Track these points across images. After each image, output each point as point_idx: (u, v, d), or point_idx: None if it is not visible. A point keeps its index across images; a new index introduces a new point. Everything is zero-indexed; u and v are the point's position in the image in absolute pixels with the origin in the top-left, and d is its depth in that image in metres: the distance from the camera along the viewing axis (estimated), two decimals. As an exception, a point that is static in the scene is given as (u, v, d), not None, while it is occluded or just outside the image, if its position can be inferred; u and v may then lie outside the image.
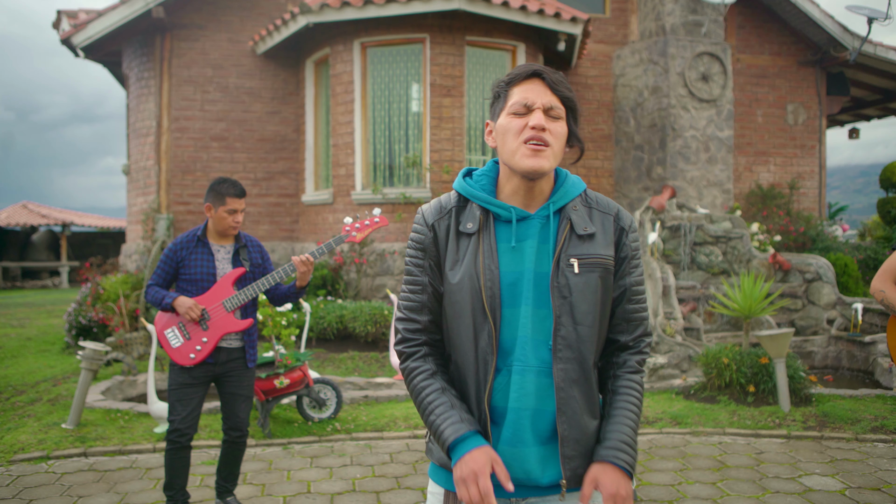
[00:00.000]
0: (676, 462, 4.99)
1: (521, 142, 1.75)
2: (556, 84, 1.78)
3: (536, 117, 1.74)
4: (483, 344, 1.76)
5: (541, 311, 1.75)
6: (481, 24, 9.66)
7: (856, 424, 5.71)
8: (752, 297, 6.89)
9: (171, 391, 3.97)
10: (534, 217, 1.80)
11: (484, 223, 1.81)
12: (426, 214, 1.88)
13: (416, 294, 1.86)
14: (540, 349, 1.75)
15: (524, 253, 1.78)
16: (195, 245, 4.00)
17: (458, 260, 1.80)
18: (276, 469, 4.91)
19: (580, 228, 1.79)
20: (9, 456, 5.12)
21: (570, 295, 1.74)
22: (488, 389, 1.75)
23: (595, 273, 1.77)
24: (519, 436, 1.74)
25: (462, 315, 1.78)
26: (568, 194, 1.84)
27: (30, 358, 9.11)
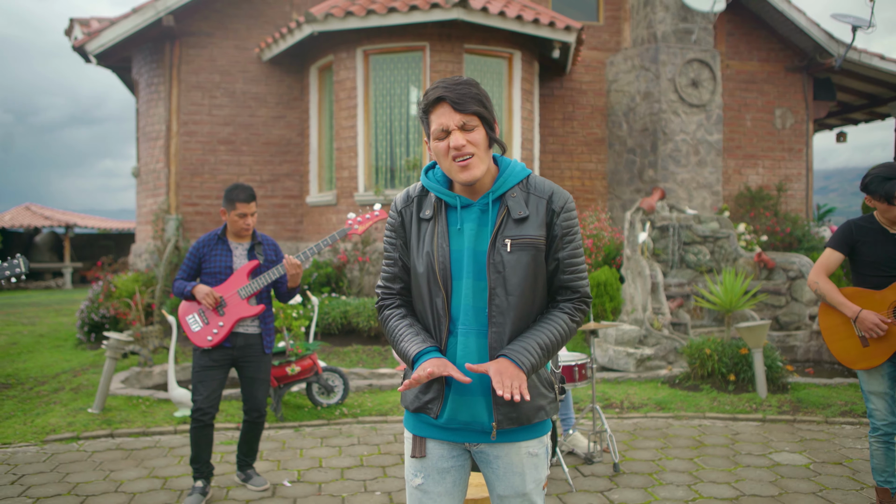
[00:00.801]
0: (658, 441, 5.41)
1: (450, 160, 2.06)
2: (460, 102, 2.03)
3: (454, 139, 2.04)
4: (438, 309, 2.11)
5: (479, 283, 2.09)
6: (479, 33, 10.10)
7: (827, 409, 6.14)
8: (733, 292, 7.31)
9: (194, 373, 4.40)
10: (475, 204, 2.12)
11: (438, 210, 2.15)
12: (397, 202, 2.24)
13: (390, 267, 2.25)
14: (479, 315, 2.09)
15: (466, 235, 2.11)
16: (215, 243, 4.45)
17: (420, 241, 2.15)
18: (290, 448, 5.33)
19: (515, 213, 2.09)
20: (42, 436, 5.53)
21: (504, 270, 2.06)
22: (443, 346, 2.11)
23: (525, 251, 2.07)
24: (467, 386, 2.08)
25: (422, 286, 2.14)
26: (506, 183, 2.13)
27: (45, 353, 9.51)
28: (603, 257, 10.00)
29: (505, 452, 2.14)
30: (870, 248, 3.87)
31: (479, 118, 2.07)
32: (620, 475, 4.68)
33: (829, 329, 4.00)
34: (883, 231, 3.86)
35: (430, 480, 2.17)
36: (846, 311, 3.86)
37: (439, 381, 2.11)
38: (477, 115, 2.07)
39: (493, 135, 2.10)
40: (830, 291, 3.92)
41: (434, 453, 2.17)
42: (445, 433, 2.16)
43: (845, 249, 3.95)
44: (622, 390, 6.90)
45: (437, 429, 2.16)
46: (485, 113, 2.08)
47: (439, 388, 2.11)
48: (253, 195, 4.37)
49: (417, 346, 2.09)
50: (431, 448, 2.17)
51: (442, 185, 2.20)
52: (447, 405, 2.11)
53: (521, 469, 2.14)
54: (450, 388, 2.11)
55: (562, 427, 5.07)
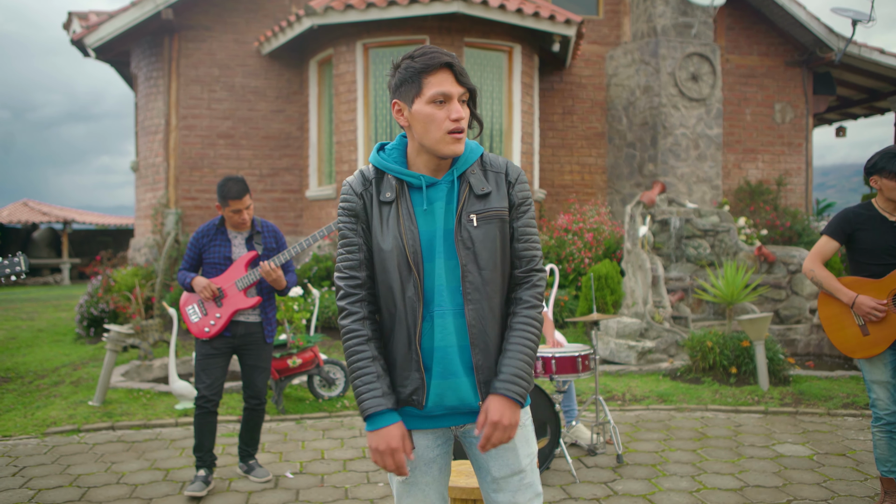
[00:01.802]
0: (661, 433, 5.40)
1: (445, 132, 1.99)
2: (463, 75, 2.01)
3: (456, 109, 1.99)
4: (410, 294, 2.02)
5: (451, 262, 2.03)
6: (479, 26, 10.06)
7: (829, 401, 6.13)
8: (734, 285, 7.30)
9: (196, 362, 4.39)
10: (441, 182, 2.07)
11: (400, 191, 2.06)
12: (354, 185, 2.12)
13: (353, 253, 2.10)
14: (455, 295, 2.03)
15: (435, 214, 2.05)
16: (214, 233, 4.44)
17: (384, 226, 2.05)
18: (292, 440, 5.31)
19: (478, 189, 2.06)
20: (43, 429, 5.52)
21: (473, 245, 2.02)
22: (418, 333, 2.02)
23: (492, 224, 2.05)
24: (449, 369, 2.02)
25: (391, 271, 2.04)
26: (467, 161, 2.10)
27: (45, 347, 9.49)
28: (603, 251, 9.98)
29: None
30: (868, 236, 3.83)
31: (469, 94, 2.05)
32: (624, 466, 4.66)
33: (829, 319, 3.98)
34: (882, 218, 3.82)
35: (418, 472, 2.12)
36: (843, 297, 3.83)
37: (418, 369, 2.04)
38: (469, 92, 2.04)
39: (475, 112, 2.10)
40: (826, 278, 3.90)
41: (420, 444, 2.11)
42: (431, 421, 2.10)
43: (842, 237, 3.92)
44: (624, 383, 6.89)
45: (421, 419, 2.10)
46: (475, 90, 2.07)
47: (419, 377, 2.05)
48: (245, 189, 4.28)
49: (375, 402, 2.00)
50: (417, 439, 2.11)
51: (399, 164, 2.12)
52: (430, 392, 2.05)
53: (514, 444, 2.09)
54: (430, 373, 2.05)
55: (565, 419, 5.06)
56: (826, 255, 3.96)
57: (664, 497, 4.14)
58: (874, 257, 3.82)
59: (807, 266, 3.98)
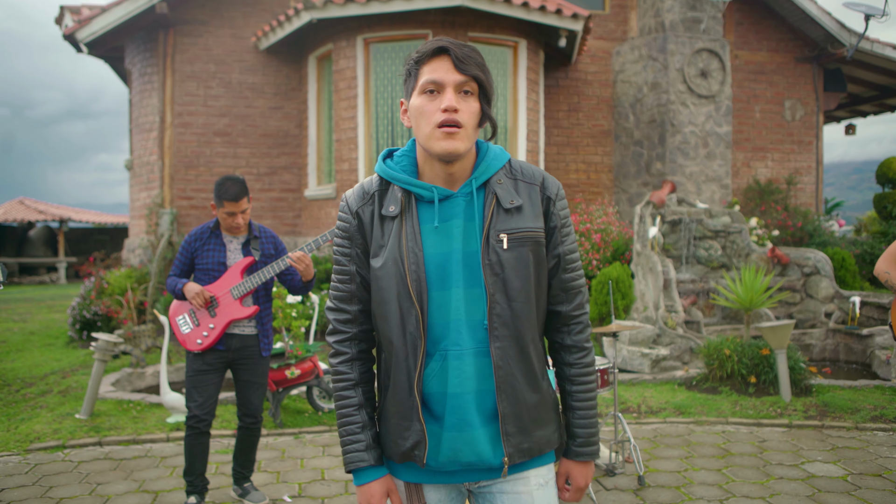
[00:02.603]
0: (682, 450, 5.10)
1: (434, 125, 1.68)
2: (464, 61, 1.68)
3: (448, 98, 1.67)
4: (411, 329, 1.70)
5: (474, 291, 1.71)
6: (483, 21, 9.74)
7: (855, 414, 5.82)
8: (753, 290, 6.99)
9: (187, 378, 4.07)
10: (457, 195, 1.74)
11: (406, 205, 1.75)
12: (350, 201, 1.83)
13: (344, 284, 1.82)
14: (476, 330, 1.71)
15: (451, 233, 1.72)
16: (208, 237, 4.09)
17: (383, 245, 1.75)
18: (290, 457, 5.00)
19: (506, 202, 1.74)
20: (25, 445, 5.20)
21: (503, 271, 1.70)
22: (418, 375, 1.71)
23: (526, 247, 1.73)
24: (465, 419, 1.71)
25: (388, 301, 1.72)
26: (490, 168, 1.78)
27: (35, 352, 9.18)
28: (612, 253, 9.67)
29: (511, 487, 1.81)
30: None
31: (478, 85, 1.72)
32: (646, 489, 4.35)
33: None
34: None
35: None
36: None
37: (418, 419, 1.73)
38: (476, 81, 1.71)
39: (488, 110, 1.74)
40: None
41: (431, 498, 1.82)
42: (442, 476, 1.80)
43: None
44: (638, 393, 6.58)
45: (433, 473, 1.80)
46: (485, 81, 1.72)
47: (420, 428, 1.73)
48: (243, 191, 3.95)
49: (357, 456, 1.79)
50: (429, 493, 1.82)
51: (408, 174, 1.79)
52: (443, 446, 1.73)
53: (530, 500, 1.81)
54: (440, 423, 1.73)
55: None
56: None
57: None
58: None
59: (880, 267, 3.68)
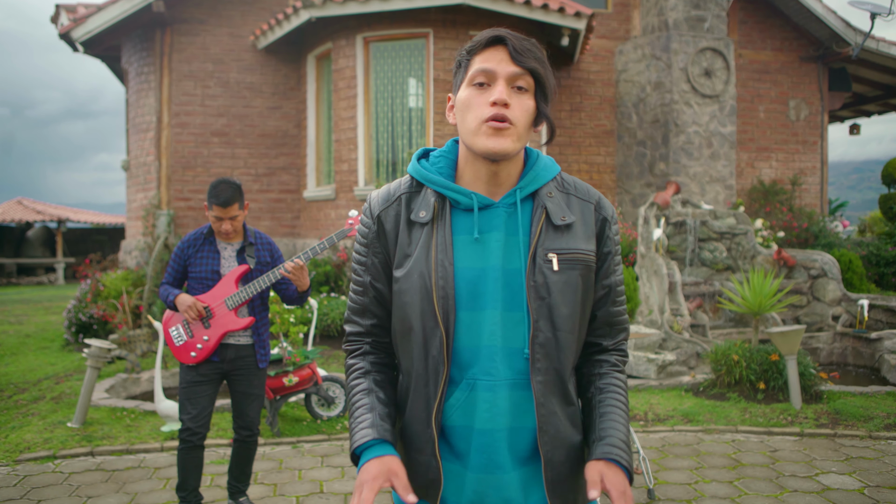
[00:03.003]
0: (691, 460, 4.95)
1: (481, 120, 1.50)
2: (522, 53, 1.50)
3: (498, 91, 1.49)
4: (435, 353, 1.51)
5: (513, 315, 1.51)
6: (485, 19, 9.59)
7: (869, 422, 5.67)
8: (761, 294, 6.85)
9: (181, 390, 3.91)
10: (498, 205, 1.55)
11: (439, 212, 1.56)
12: (373, 203, 1.64)
13: (358, 295, 1.65)
14: (514, 359, 1.51)
15: (488, 247, 1.53)
16: (201, 243, 3.91)
17: (409, 255, 1.55)
18: (287, 468, 4.85)
19: (557, 218, 1.55)
20: (15, 455, 5.05)
21: (549, 296, 1.50)
22: (437, 405, 1.51)
23: (576, 270, 1.53)
24: (494, 461, 1.51)
25: (410, 319, 1.54)
26: (539, 178, 1.59)
27: (30, 355, 9.03)
28: (615, 255, 9.52)
29: None
30: None
31: (534, 80, 1.53)
32: (656, 502, 4.21)
33: None
34: None
35: None
36: None
37: (433, 454, 1.53)
38: (533, 76, 1.52)
39: (545, 109, 1.54)
40: None
41: None
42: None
43: None
44: (644, 399, 6.43)
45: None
46: (543, 76, 1.52)
47: (435, 466, 1.54)
48: (235, 197, 3.74)
49: (361, 434, 1.51)
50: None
51: (445, 176, 1.59)
52: (466, 488, 1.53)
53: None
54: (464, 462, 1.53)
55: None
56: None
57: (705, 542, 3.69)
58: None
59: None
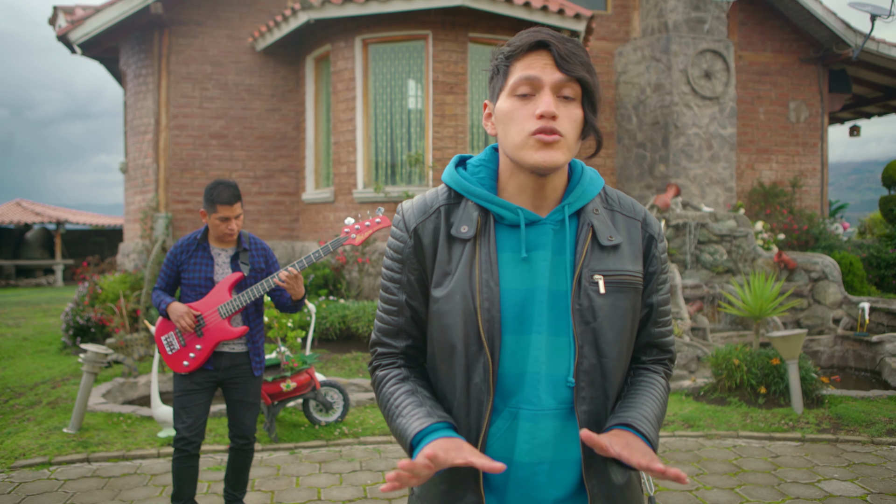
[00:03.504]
0: (692, 466, 4.91)
1: (527, 133, 1.39)
2: (568, 59, 1.39)
3: (545, 102, 1.37)
4: (478, 380, 1.41)
5: (559, 340, 1.42)
6: (484, 21, 9.56)
7: (870, 427, 5.63)
8: (762, 297, 6.81)
9: (175, 398, 3.85)
10: (545, 221, 1.45)
11: (482, 227, 1.45)
12: (407, 215, 1.51)
13: (391, 315, 1.53)
14: (558, 388, 1.41)
15: (535, 266, 1.43)
16: (195, 249, 3.86)
17: (449, 273, 1.44)
18: (285, 475, 4.81)
19: (604, 238, 1.46)
20: (10, 462, 5.00)
21: (595, 320, 1.41)
22: (482, 439, 1.41)
23: (624, 293, 1.45)
24: (532, 496, 1.41)
25: (452, 343, 1.43)
26: (587, 194, 1.48)
27: (27, 359, 8.99)
28: (615, 257, 9.49)
29: None
30: None
31: (582, 89, 1.42)
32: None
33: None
34: None
35: None
36: None
37: (476, 491, 1.41)
38: (581, 84, 1.41)
39: (593, 119, 1.43)
40: None
41: None
42: None
43: None
44: (644, 404, 6.39)
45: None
46: (592, 84, 1.41)
47: (475, 485, 1.42)
48: (237, 195, 3.75)
49: (418, 422, 1.38)
50: None
51: (487, 188, 1.49)
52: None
53: None
54: (501, 497, 1.43)
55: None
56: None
57: (707, 551, 3.65)
58: None
59: None
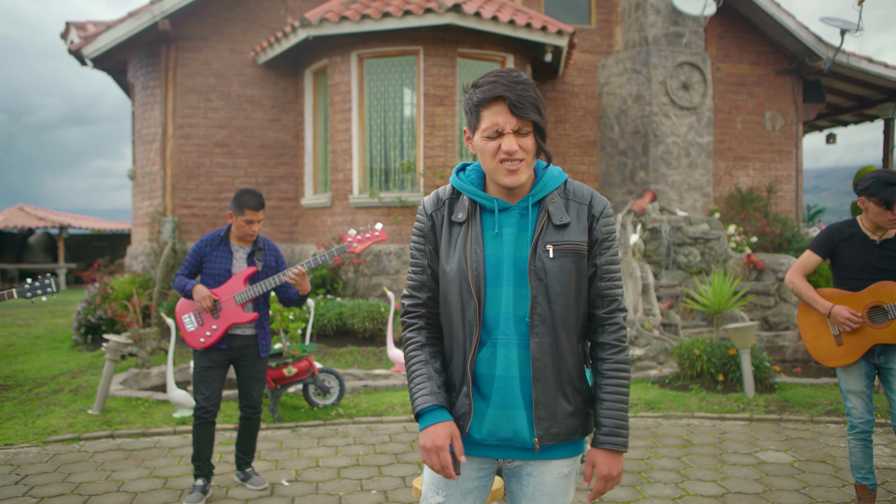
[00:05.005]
0: (647, 441, 5.54)
1: (497, 162, 1.97)
2: (520, 105, 1.93)
3: (508, 143, 1.94)
4: (469, 317, 2.01)
5: (520, 291, 1.99)
6: (472, 37, 10.21)
7: (812, 408, 6.28)
8: (721, 294, 7.45)
9: (195, 374, 4.52)
10: (514, 208, 2.03)
11: (472, 213, 2.05)
12: (426, 205, 2.14)
13: (417, 274, 2.14)
14: (520, 324, 1.99)
15: (504, 240, 2.01)
16: (218, 244, 4.55)
17: (451, 246, 2.06)
18: (287, 448, 5.44)
19: (556, 219, 2.02)
20: (43, 437, 5.63)
21: (546, 277, 1.98)
22: (471, 357, 2.01)
23: (568, 258, 1.99)
24: (508, 400, 1.99)
25: (453, 293, 2.04)
26: (546, 188, 2.06)
27: (42, 354, 9.59)
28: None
29: (539, 471, 2.09)
30: (849, 252, 4.00)
31: (533, 125, 1.99)
32: (610, 473, 4.80)
33: (806, 328, 4.16)
34: (864, 237, 3.98)
35: (451, 500, 2.11)
36: (819, 307, 4.01)
37: (467, 395, 2.04)
38: (532, 122, 1.99)
39: (543, 145, 2.02)
40: (805, 290, 4.08)
41: (463, 471, 2.09)
42: (481, 449, 2.09)
43: (824, 253, 4.08)
44: (613, 390, 7.02)
45: (472, 445, 2.09)
46: (540, 121, 1.99)
47: (468, 403, 2.05)
48: (262, 202, 4.44)
49: (423, 399, 2.03)
50: (462, 465, 2.09)
51: (476, 186, 2.12)
52: (486, 421, 2.04)
53: (553, 490, 2.09)
54: (487, 401, 2.04)
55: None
56: (808, 268, 4.13)
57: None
58: (854, 272, 3.99)
59: (788, 277, 4.16)
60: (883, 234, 3.96)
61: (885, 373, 3.98)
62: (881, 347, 3.95)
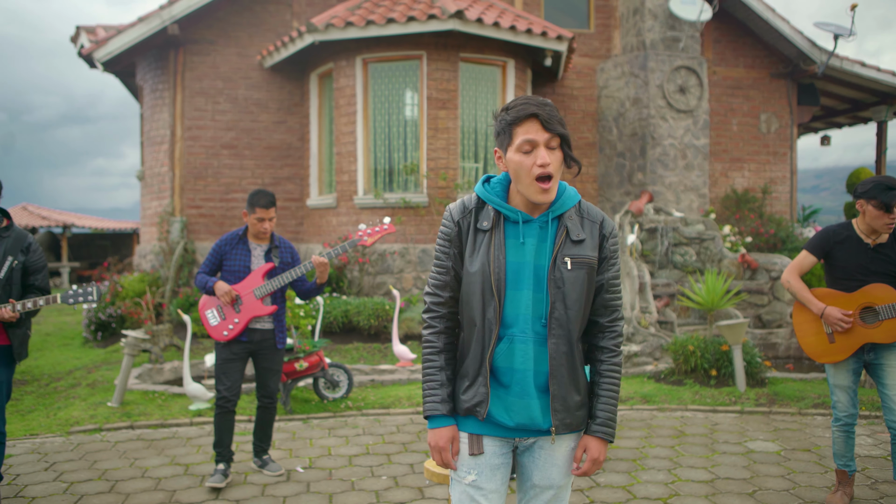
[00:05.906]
0: (642, 431, 5.82)
1: (532, 179, 2.19)
2: (550, 122, 2.17)
3: (541, 155, 2.18)
4: (489, 315, 2.24)
5: (538, 295, 2.24)
6: (474, 43, 10.48)
7: (801, 401, 6.56)
8: (714, 292, 7.73)
9: (216, 366, 4.80)
10: (535, 221, 2.26)
11: (496, 222, 2.27)
12: (453, 213, 2.34)
13: (441, 275, 2.36)
14: (536, 324, 2.24)
15: (526, 249, 2.25)
16: (237, 243, 4.84)
17: (476, 251, 2.27)
18: (300, 438, 5.72)
19: (574, 235, 2.27)
20: (67, 428, 5.91)
21: (564, 286, 2.22)
22: (491, 350, 2.25)
23: (583, 269, 2.25)
24: (525, 390, 2.25)
25: (475, 293, 2.27)
26: (564, 205, 2.30)
27: (55, 351, 9.86)
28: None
29: (550, 446, 2.35)
30: (843, 254, 4.24)
31: (560, 139, 2.23)
32: (606, 461, 5.08)
33: (801, 325, 4.42)
34: (858, 240, 4.22)
35: (483, 477, 2.32)
36: (813, 307, 4.26)
37: (485, 384, 2.27)
38: (560, 137, 2.22)
39: (570, 152, 2.25)
40: (800, 290, 4.33)
41: (488, 450, 2.32)
42: (501, 430, 2.32)
43: (819, 254, 4.33)
44: (610, 385, 7.30)
45: (494, 426, 2.32)
46: (566, 133, 2.23)
47: (485, 391, 2.27)
48: (273, 202, 4.74)
49: (432, 406, 2.32)
50: (486, 444, 2.32)
51: (500, 198, 2.33)
52: (505, 406, 2.27)
53: (562, 462, 2.35)
54: (508, 390, 2.27)
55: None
56: (804, 268, 4.38)
57: (642, 488, 4.56)
58: (847, 274, 4.22)
59: (785, 277, 4.42)
60: (876, 238, 4.19)
61: (875, 368, 4.21)
62: (871, 345, 4.20)
